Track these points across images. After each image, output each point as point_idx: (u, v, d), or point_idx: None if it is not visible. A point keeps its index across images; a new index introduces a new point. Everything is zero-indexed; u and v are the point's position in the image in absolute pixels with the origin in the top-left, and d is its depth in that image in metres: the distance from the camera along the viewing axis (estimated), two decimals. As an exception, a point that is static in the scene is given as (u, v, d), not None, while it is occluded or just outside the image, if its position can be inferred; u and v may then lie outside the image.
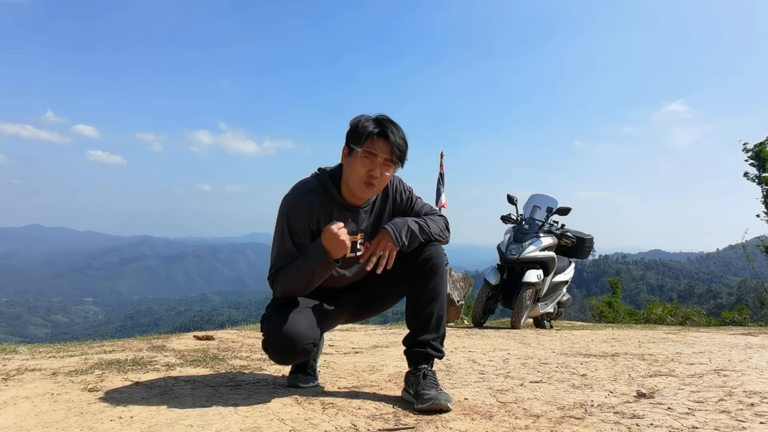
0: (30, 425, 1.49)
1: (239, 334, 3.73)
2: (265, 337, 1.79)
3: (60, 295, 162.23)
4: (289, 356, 1.81)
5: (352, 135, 1.83)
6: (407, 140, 1.86)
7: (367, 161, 1.80)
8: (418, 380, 1.81)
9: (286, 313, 1.80)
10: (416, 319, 1.88)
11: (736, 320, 11.20)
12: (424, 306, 1.86)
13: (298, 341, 1.74)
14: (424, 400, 1.71)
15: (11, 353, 2.70)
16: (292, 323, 1.75)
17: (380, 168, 1.80)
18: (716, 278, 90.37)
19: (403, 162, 1.87)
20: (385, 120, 1.83)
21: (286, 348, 1.75)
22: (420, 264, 1.86)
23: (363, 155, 1.79)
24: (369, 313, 2.17)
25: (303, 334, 1.75)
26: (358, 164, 1.80)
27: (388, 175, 1.85)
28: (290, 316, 1.78)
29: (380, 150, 1.79)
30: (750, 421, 1.62)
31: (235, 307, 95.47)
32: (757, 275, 13.91)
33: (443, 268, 1.90)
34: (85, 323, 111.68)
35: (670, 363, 2.77)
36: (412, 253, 1.88)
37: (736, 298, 43.32)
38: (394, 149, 1.80)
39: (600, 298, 14.78)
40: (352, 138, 1.83)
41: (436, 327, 1.88)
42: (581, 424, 1.60)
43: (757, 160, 12.82)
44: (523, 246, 5.32)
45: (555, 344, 3.59)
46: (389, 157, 1.81)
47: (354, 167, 1.81)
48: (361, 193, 1.85)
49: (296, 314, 1.80)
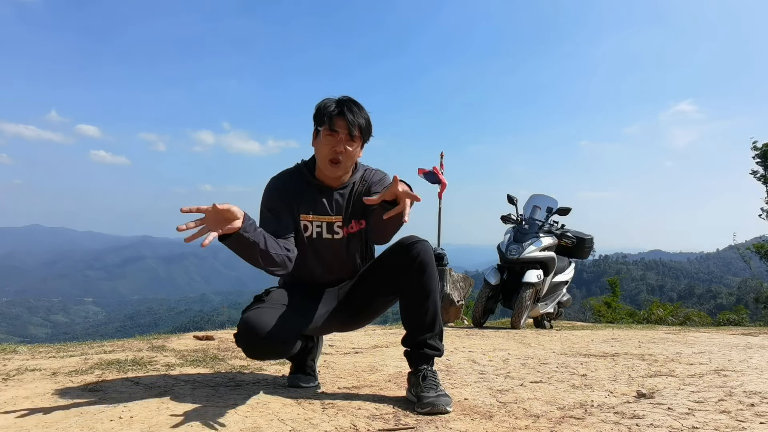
0: (30, 425, 1.49)
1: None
2: (237, 329, 1.76)
3: (60, 295, 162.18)
4: (255, 353, 1.80)
5: (315, 117, 1.94)
6: (369, 117, 1.95)
7: (330, 138, 1.89)
8: (419, 382, 1.81)
9: (262, 309, 1.78)
10: (411, 319, 1.88)
11: (732, 320, 11.20)
12: (418, 305, 1.85)
13: (265, 340, 1.71)
14: (424, 405, 1.72)
15: (11, 353, 2.70)
16: (263, 320, 1.72)
17: (343, 144, 1.89)
18: (716, 278, 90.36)
19: (367, 138, 1.97)
20: (346, 100, 1.93)
21: (253, 344, 1.73)
22: (408, 263, 1.84)
23: (325, 133, 1.89)
24: (362, 320, 2.12)
25: (272, 334, 1.71)
26: (322, 143, 1.90)
27: (352, 150, 1.91)
28: (263, 312, 1.76)
29: (340, 127, 1.88)
30: (750, 421, 1.62)
31: (235, 307, 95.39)
32: (755, 276, 13.92)
33: (432, 264, 1.86)
34: (85, 323, 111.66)
35: (670, 363, 2.77)
36: (400, 254, 1.87)
37: (736, 299, 43.30)
38: (353, 125, 1.89)
39: (599, 298, 14.77)
40: (316, 120, 1.94)
41: (431, 325, 1.86)
42: (581, 424, 1.60)
43: (764, 160, 12.82)
44: (523, 246, 5.32)
45: (555, 344, 3.59)
46: (349, 133, 1.89)
47: (320, 147, 1.92)
48: (329, 171, 1.93)
49: (270, 311, 1.77)
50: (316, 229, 1.96)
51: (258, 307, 1.80)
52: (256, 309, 1.78)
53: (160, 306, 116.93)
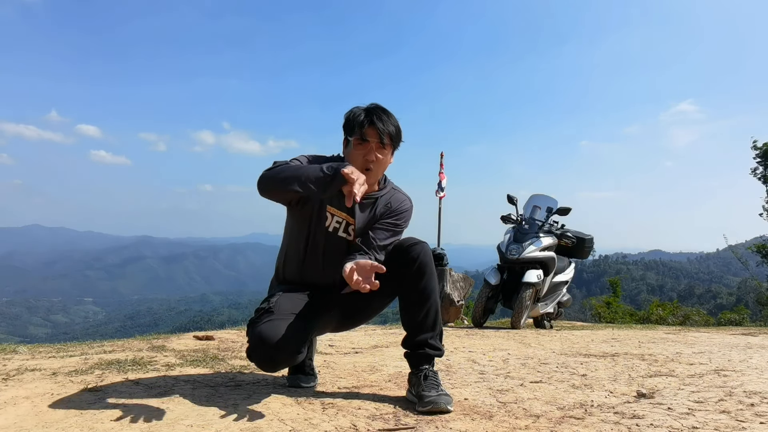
0: (30, 425, 1.49)
1: (239, 334, 3.73)
2: (249, 344, 1.75)
3: (60, 295, 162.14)
4: (272, 366, 1.80)
5: (346, 127, 1.96)
6: (399, 124, 1.97)
7: (361, 148, 1.91)
8: (420, 381, 1.81)
9: (273, 321, 1.76)
10: (412, 320, 1.88)
11: (733, 320, 11.20)
12: (418, 307, 1.86)
13: (281, 352, 1.71)
14: (425, 403, 1.72)
15: (11, 353, 2.69)
16: (276, 333, 1.71)
17: (374, 152, 1.90)
18: (716, 278, 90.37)
19: (397, 144, 1.98)
20: (374, 108, 1.94)
21: (270, 357, 1.73)
22: (408, 265, 1.86)
23: (356, 143, 1.91)
24: (359, 320, 2.12)
25: (286, 345, 1.71)
26: (354, 152, 1.92)
27: (383, 157, 1.93)
28: (276, 325, 1.74)
29: (371, 136, 1.90)
30: (750, 421, 1.62)
31: (235, 307, 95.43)
32: (754, 276, 13.91)
33: (432, 265, 1.89)
34: (85, 323, 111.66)
35: (670, 363, 2.77)
36: (400, 256, 1.89)
37: (736, 299, 43.31)
38: (383, 133, 1.90)
39: (600, 298, 14.76)
40: (346, 130, 1.96)
41: (432, 326, 1.88)
42: (581, 424, 1.60)
43: (764, 159, 12.81)
44: (523, 246, 5.32)
45: (555, 344, 3.59)
46: (380, 141, 1.90)
47: (351, 156, 1.93)
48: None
49: (281, 323, 1.76)
50: (335, 224, 1.96)
51: (269, 320, 1.76)
52: (268, 322, 1.75)
53: (160, 306, 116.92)
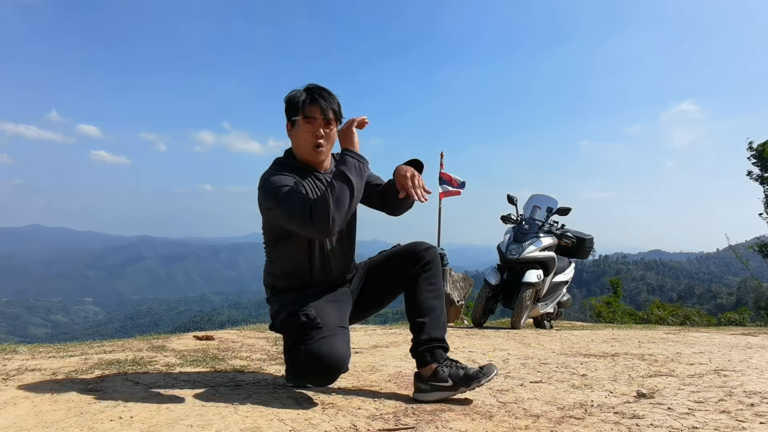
0: (30, 425, 1.49)
1: (239, 334, 3.73)
2: (307, 363, 1.76)
3: (60, 295, 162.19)
4: (331, 382, 1.85)
5: (288, 109, 1.98)
6: (338, 99, 1.99)
7: (309, 126, 1.94)
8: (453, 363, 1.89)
9: (326, 337, 1.78)
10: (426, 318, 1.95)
11: (733, 320, 11.20)
12: (432, 305, 1.96)
13: (341, 370, 1.77)
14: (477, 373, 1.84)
15: (11, 353, 2.69)
16: (334, 351, 1.74)
17: (321, 128, 1.94)
18: (716, 278, 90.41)
19: (341, 119, 2.00)
20: (314, 87, 1.98)
21: (331, 377, 1.79)
22: (414, 262, 1.99)
23: (303, 122, 1.94)
24: (367, 315, 2.23)
25: (345, 362, 1.77)
26: (301, 132, 1.95)
27: (330, 133, 1.97)
28: (331, 342, 1.76)
29: (316, 113, 1.93)
30: (750, 421, 1.62)
31: (235, 307, 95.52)
32: (754, 276, 13.91)
33: (437, 261, 2.01)
34: (85, 323, 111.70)
35: (670, 363, 2.77)
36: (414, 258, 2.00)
37: (736, 299, 43.32)
38: (327, 110, 1.94)
39: (600, 298, 14.77)
40: (290, 112, 1.98)
41: (444, 325, 1.98)
42: (581, 424, 1.60)
43: (760, 160, 12.80)
44: (523, 246, 5.32)
45: (555, 344, 3.59)
46: (325, 118, 1.95)
47: (300, 137, 1.96)
48: (313, 157, 1.98)
49: (335, 338, 1.79)
50: None
51: (322, 337, 1.78)
52: (321, 340, 1.76)
53: (160, 306, 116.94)
